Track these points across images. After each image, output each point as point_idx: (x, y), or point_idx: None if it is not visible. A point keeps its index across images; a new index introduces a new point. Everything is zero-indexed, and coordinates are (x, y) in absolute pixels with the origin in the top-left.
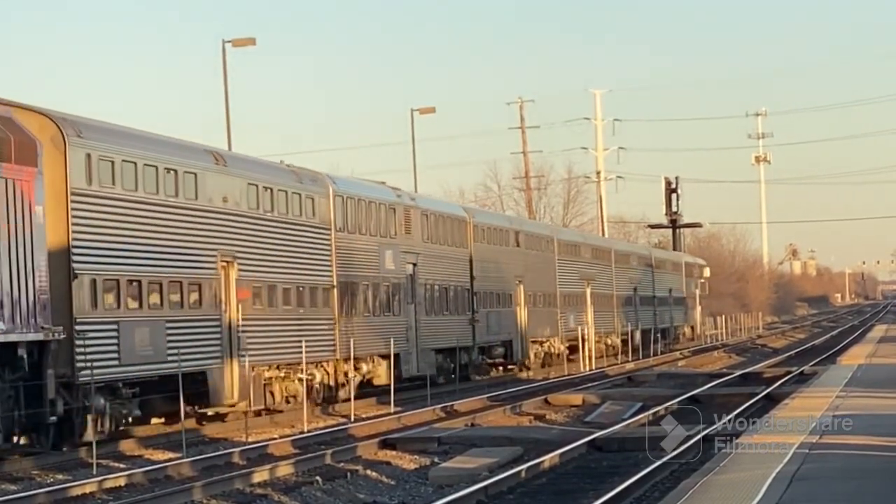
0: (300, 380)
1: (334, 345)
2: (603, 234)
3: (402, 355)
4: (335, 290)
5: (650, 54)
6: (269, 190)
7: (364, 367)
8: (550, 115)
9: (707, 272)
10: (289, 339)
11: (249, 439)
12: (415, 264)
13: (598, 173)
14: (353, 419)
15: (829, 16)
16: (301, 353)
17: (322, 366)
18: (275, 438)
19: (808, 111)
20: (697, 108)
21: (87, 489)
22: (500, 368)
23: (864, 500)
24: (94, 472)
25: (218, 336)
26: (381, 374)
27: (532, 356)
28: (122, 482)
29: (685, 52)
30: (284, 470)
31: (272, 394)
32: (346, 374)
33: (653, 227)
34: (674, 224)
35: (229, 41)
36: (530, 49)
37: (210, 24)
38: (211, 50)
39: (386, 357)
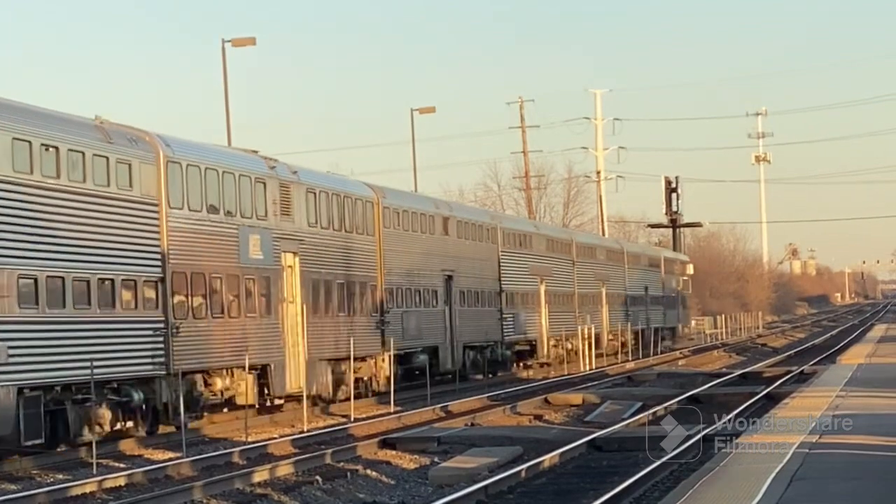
0: (112, 402)
1: (164, 356)
2: (603, 234)
3: (276, 367)
4: (164, 284)
5: (650, 54)
6: (52, 149)
7: (219, 383)
8: (550, 115)
9: (690, 269)
10: (85, 349)
11: (249, 439)
12: (296, 253)
13: (598, 173)
14: (352, 419)
15: (829, 16)
16: (107, 367)
17: (149, 384)
18: (275, 438)
19: (808, 111)
20: (697, 108)
21: (87, 489)
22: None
23: (864, 499)
24: (94, 472)
25: None
26: (246, 391)
27: (468, 363)
28: (122, 482)
29: (685, 52)
30: (284, 470)
31: (66, 425)
32: (190, 393)
33: (653, 226)
34: (674, 224)
35: (229, 41)
36: (530, 49)
37: (210, 24)
38: (211, 50)
39: (252, 369)
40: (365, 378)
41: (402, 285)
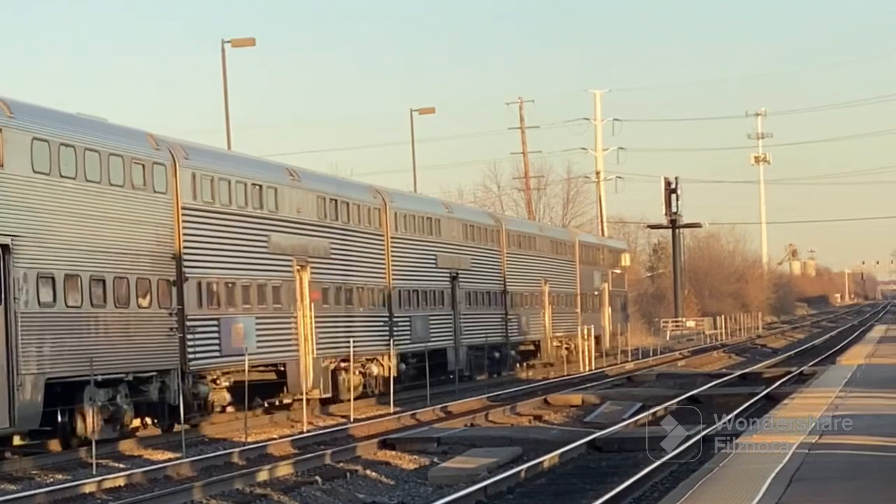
0: None
1: None
2: (602, 235)
3: None
4: None
5: (650, 54)
6: None
7: None
8: (550, 115)
9: (627, 259)
10: None
11: (249, 439)
12: None
13: (598, 173)
14: (352, 419)
15: (828, 16)
16: None
17: None
18: (274, 438)
19: (808, 111)
20: (697, 108)
21: (87, 489)
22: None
23: (864, 499)
24: (94, 472)
25: None
26: None
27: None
28: (121, 482)
29: (685, 52)
30: (284, 470)
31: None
32: None
33: (652, 227)
34: (673, 224)
35: (229, 41)
36: (530, 49)
37: (210, 24)
38: (211, 50)
39: None
40: None
41: None
